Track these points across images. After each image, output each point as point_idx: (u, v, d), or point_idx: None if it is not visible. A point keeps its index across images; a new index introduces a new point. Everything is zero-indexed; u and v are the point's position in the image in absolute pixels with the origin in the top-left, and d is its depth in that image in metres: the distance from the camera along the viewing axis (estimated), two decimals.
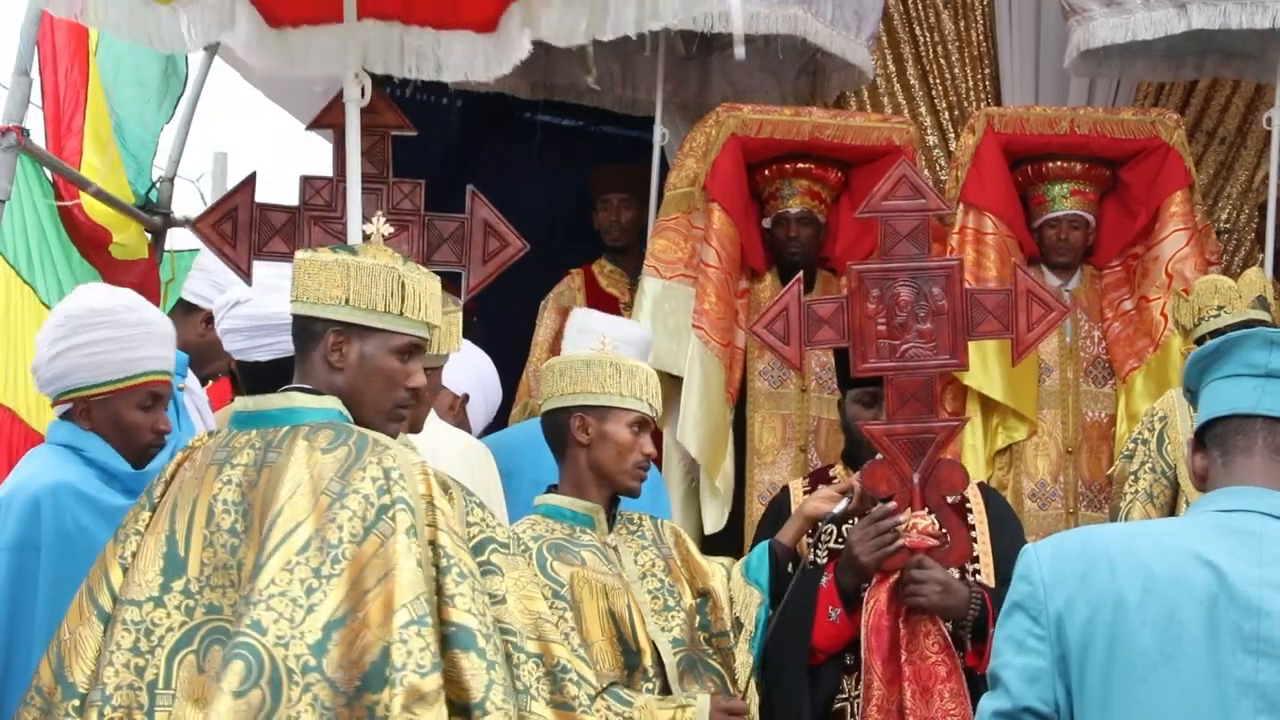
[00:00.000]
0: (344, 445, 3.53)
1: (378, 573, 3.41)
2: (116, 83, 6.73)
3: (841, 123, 6.65)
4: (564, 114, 8.85)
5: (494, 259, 5.04)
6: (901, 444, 4.75)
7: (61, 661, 3.59)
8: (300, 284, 3.72)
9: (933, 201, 4.89)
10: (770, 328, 4.86)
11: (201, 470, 3.61)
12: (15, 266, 5.84)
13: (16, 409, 5.68)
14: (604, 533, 4.68)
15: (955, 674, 4.65)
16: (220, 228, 4.78)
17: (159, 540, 3.58)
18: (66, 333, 4.37)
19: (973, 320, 4.84)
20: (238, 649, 3.35)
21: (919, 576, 4.67)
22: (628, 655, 4.53)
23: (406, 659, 3.35)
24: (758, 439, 6.48)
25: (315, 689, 3.33)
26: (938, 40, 7.87)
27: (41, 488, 4.19)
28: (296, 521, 3.44)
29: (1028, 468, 6.40)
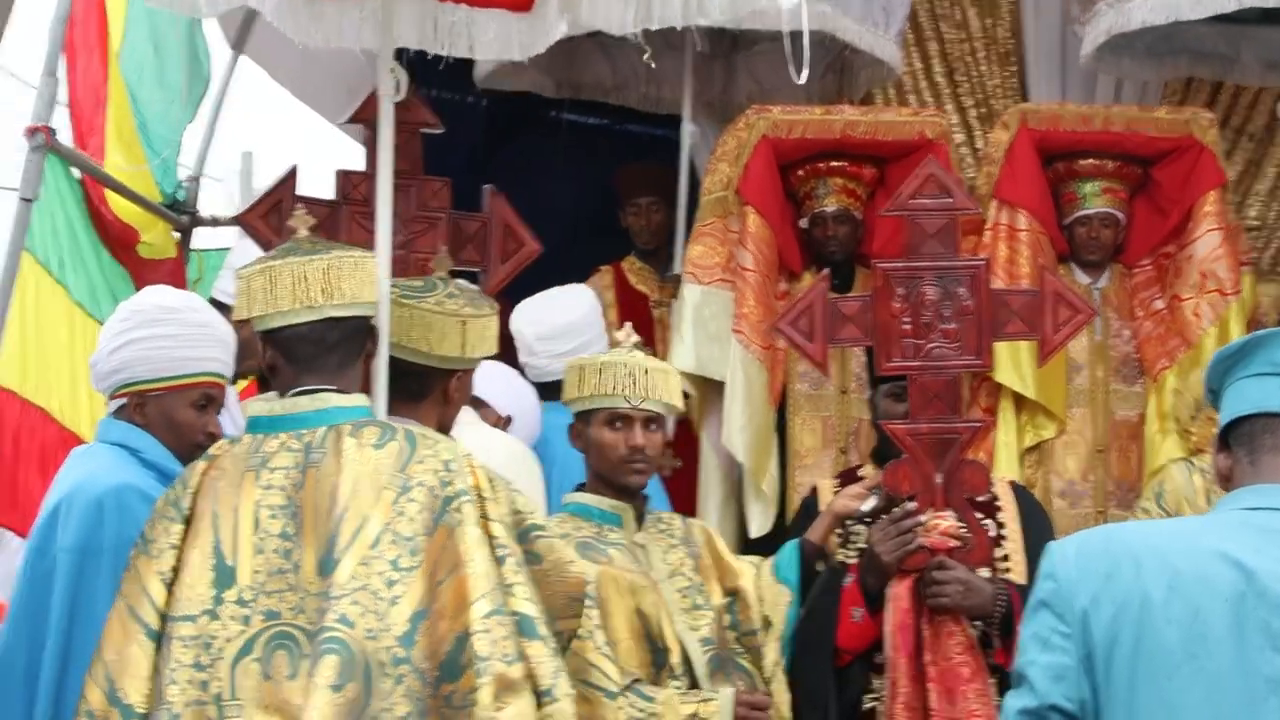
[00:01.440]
0: (394, 440, 3.56)
1: (448, 564, 3.44)
2: (140, 83, 6.74)
3: (873, 119, 6.63)
4: (589, 113, 8.84)
5: (511, 259, 5.06)
6: (925, 444, 4.74)
7: (112, 684, 3.56)
8: (335, 286, 3.72)
9: (960, 200, 4.87)
10: (794, 324, 4.85)
11: (237, 478, 3.61)
12: (46, 266, 5.85)
13: (49, 409, 5.70)
14: (632, 531, 4.69)
15: (980, 675, 4.64)
16: (268, 220, 4.79)
17: (204, 552, 3.57)
18: (130, 326, 4.39)
19: (999, 320, 4.82)
20: (328, 644, 3.37)
21: (940, 577, 4.66)
22: (655, 653, 4.54)
23: (492, 649, 3.39)
24: (798, 441, 6.46)
25: (407, 680, 3.37)
26: (964, 37, 7.83)
27: (105, 489, 4.18)
28: (364, 517, 3.46)
29: (1057, 466, 6.38)
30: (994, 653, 4.72)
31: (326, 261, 3.72)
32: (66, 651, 4.11)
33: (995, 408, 6.25)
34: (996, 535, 5.00)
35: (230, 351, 4.53)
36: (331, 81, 8.03)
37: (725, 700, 4.47)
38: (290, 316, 3.73)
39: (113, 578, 4.08)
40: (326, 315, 3.72)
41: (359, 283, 3.75)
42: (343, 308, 3.71)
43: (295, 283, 3.71)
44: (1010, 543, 5.01)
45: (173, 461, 4.33)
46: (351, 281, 3.72)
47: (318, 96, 8.32)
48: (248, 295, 3.78)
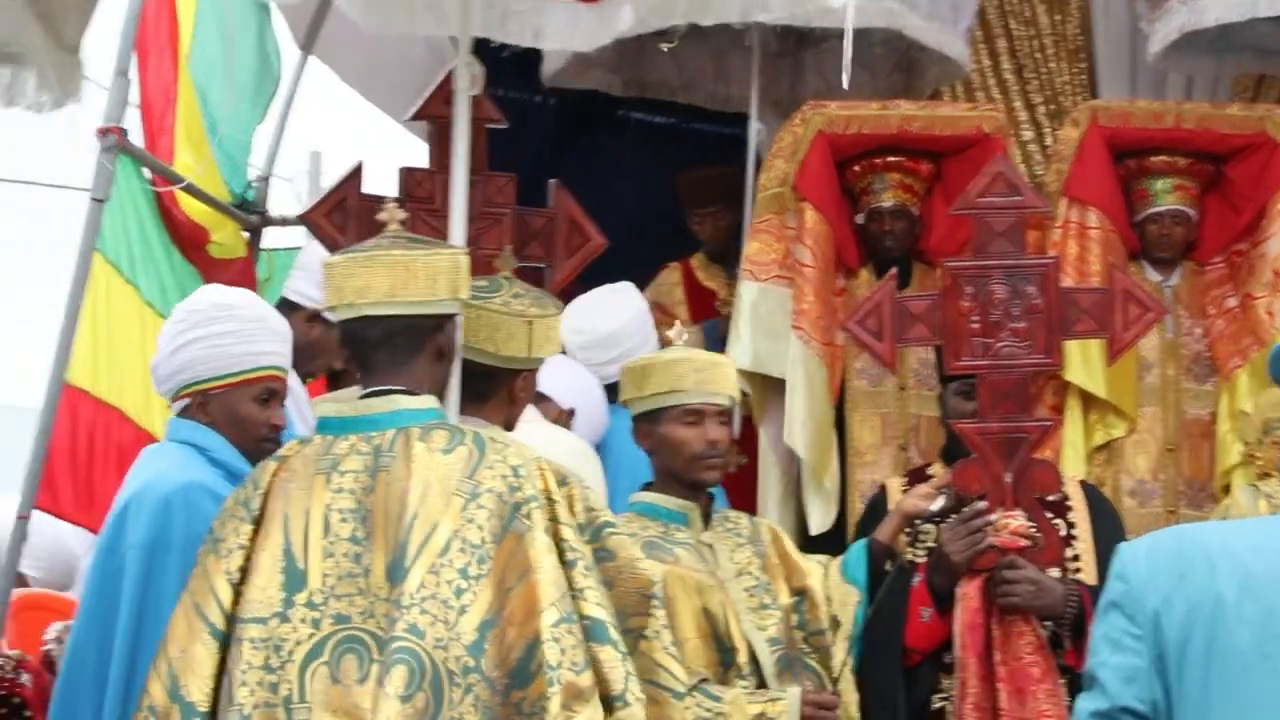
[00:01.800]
0: (463, 445, 3.55)
1: (517, 571, 3.45)
2: (210, 83, 6.78)
3: (929, 113, 6.60)
4: (656, 111, 8.84)
5: (577, 253, 5.05)
6: (994, 443, 4.72)
7: (176, 680, 3.58)
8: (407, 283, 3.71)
9: (1029, 199, 4.85)
10: (863, 324, 4.84)
11: (307, 480, 3.61)
12: (117, 266, 5.89)
13: (124, 409, 5.73)
14: (699, 530, 4.68)
15: (1050, 675, 4.62)
16: (332, 218, 4.80)
17: (274, 555, 3.58)
18: (188, 327, 4.41)
19: (1068, 319, 4.80)
20: (398, 654, 3.38)
21: (1011, 576, 4.64)
22: (722, 653, 4.53)
23: (561, 657, 3.39)
24: (857, 438, 6.44)
25: (476, 689, 3.38)
26: (1033, 34, 7.80)
27: (173, 488, 4.21)
28: (433, 524, 3.46)
29: (1127, 465, 6.34)
30: (1064, 653, 4.70)
31: (391, 258, 3.71)
32: (135, 648, 4.14)
33: (1063, 406, 6.21)
34: (1067, 535, 4.97)
35: (288, 344, 4.55)
36: (398, 80, 8.05)
37: (792, 700, 4.46)
38: (343, 312, 3.74)
39: (181, 575, 4.10)
40: (363, 314, 3.71)
41: (414, 282, 3.71)
42: (382, 306, 3.69)
43: (346, 280, 3.72)
44: (1081, 543, 4.99)
45: (240, 459, 4.36)
46: (401, 280, 3.70)
47: (385, 95, 8.34)
48: (325, 285, 3.80)
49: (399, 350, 3.72)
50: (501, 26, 4.48)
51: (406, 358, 3.72)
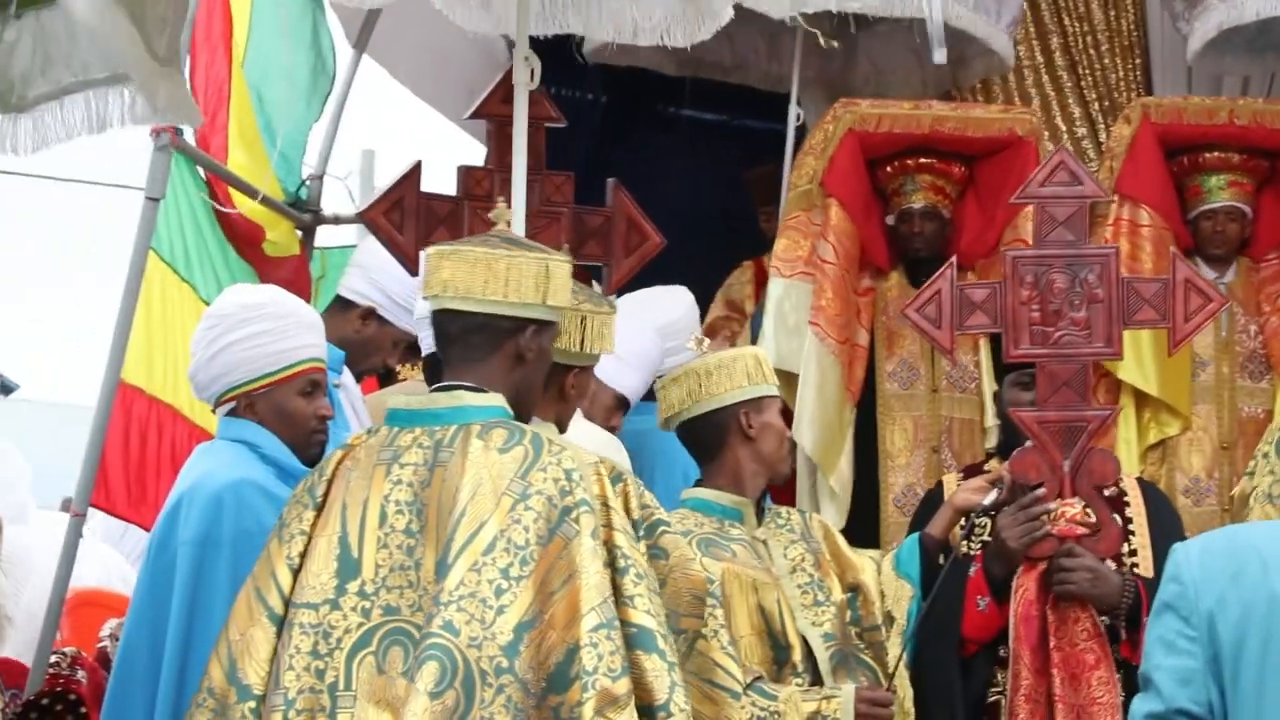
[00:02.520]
0: (520, 445, 3.54)
1: (562, 574, 3.43)
2: (265, 82, 6.79)
3: (962, 115, 6.58)
4: (707, 107, 8.83)
5: (635, 253, 5.05)
6: (1053, 431, 4.72)
7: (234, 663, 3.60)
8: (487, 281, 3.70)
9: (1091, 188, 4.86)
10: (922, 311, 4.85)
11: (368, 470, 3.62)
12: (173, 265, 5.91)
13: (179, 406, 5.76)
14: (753, 527, 4.69)
15: (1104, 662, 4.61)
16: (390, 216, 4.81)
17: (331, 542, 3.59)
18: (221, 331, 4.43)
19: (1129, 309, 4.80)
20: (431, 650, 3.38)
21: (1068, 564, 4.63)
22: (777, 650, 4.53)
23: (598, 662, 3.37)
24: (889, 441, 6.43)
25: (508, 690, 3.36)
26: (1087, 30, 7.76)
27: (223, 484, 4.24)
28: (480, 522, 3.46)
29: (1181, 463, 6.32)
30: (1120, 646, 4.68)
31: (474, 255, 3.70)
32: (187, 643, 4.17)
33: (1116, 403, 6.17)
34: (1123, 530, 4.95)
35: (321, 333, 4.57)
36: (451, 79, 8.07)
37: (847, 697, 4.45)
38: (431, 303, 3.75)
39: (231, 571, 4.14)
40: (444, 307, 3.71)
41: (495, 281, 3.69)
42: (460, 301, 3.68)
43: (434, 273, 3.72)
44: (1138, 539, 4.98)
45: (290, 456, 4.38)
46: (481, 278, 3.68)
47: (438, 95, 8.37)
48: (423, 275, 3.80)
49: (473, 347, 3.71)
50: (599, 23, 4.47)
51: (480, 355, 3.71)
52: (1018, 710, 4.62)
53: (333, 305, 5.96)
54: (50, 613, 5.51)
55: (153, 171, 5.87)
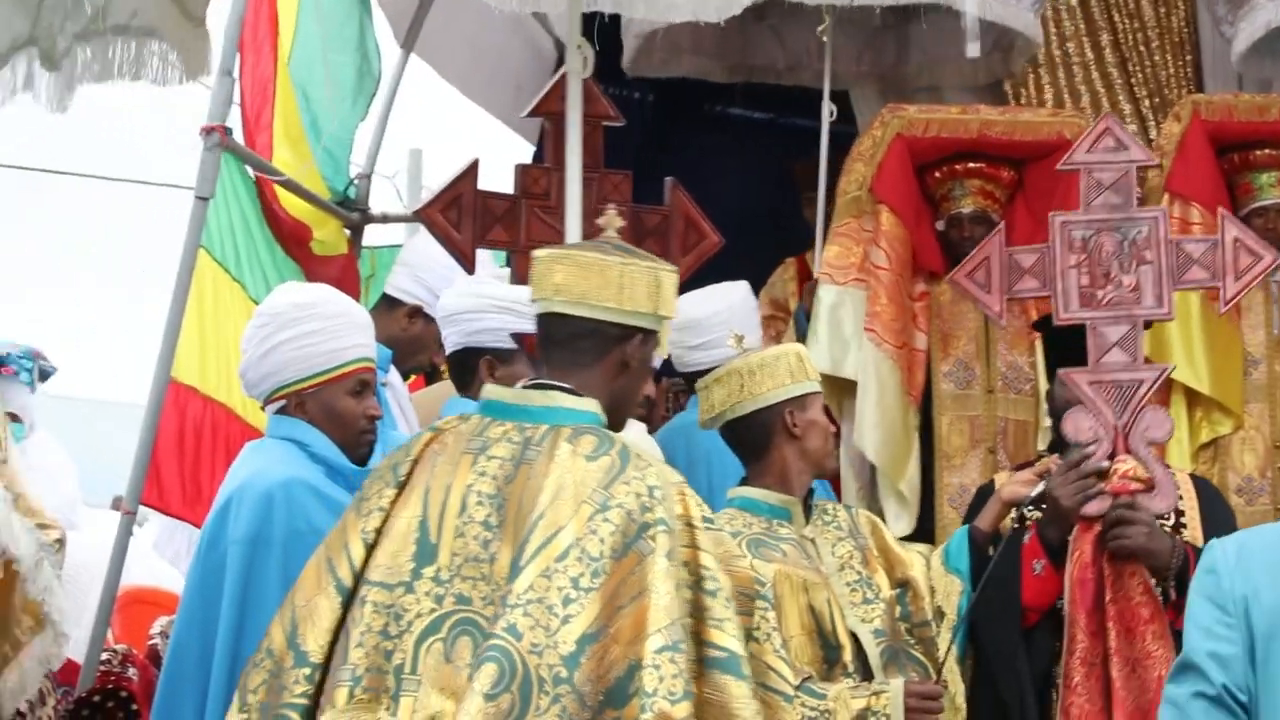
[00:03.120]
0: (608, 455, 3.53)
1: (632, 590, 3.41)
2: (311, 81, 6.82)
3: (1010, 118, 6.56)
4: (754, 106, 8.82)
5: (693, 252, 5.04)
6: (1104, 391, 4.70)
7: (295, 628, 3.59)
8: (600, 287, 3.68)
9: (1138, 153, 4.86)
10: (971, 276, 4.85)
11: (455, 456, 3.61)
12: (223, 264, 5.94)
13: (232, 406, 5.79)
14: (801, 525, 4.68)
15: (1159, 616, 4.59)
16: (447, 214, 4.80)
17: (410, 524, 3.57)
18: (272, 330, 4.44)
19: (1179, 268, 4.79)
20: (492, 651, 3.37)
21: (1127, 517, 4.60)
22: (827, 650, 4.52)
23: (658, 685, 3.35)
24: (945, 442, 6.41)
25: (564, 700, 3.34)
26: (1137, 27, 7.73)
27: (273, 483, 4.25)
28: (557, 527, 3.44)
29: (1233, 463, 6.28)
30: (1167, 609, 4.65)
31: (587, 260, 3.69)
32: (237, 641, 4.18)
33: (1168, 403, 6.15)
34: (1176, 525, 4.93)
35: (371, 333, 4.58)
36: (499, 78, 8.09)
37: (896, 691, 4.43)
38: (538, 306, 3.74)
39: (282, 569, 4.15)
40: (553, 310, 3.70)
41: (607, 287, 3.67)
42: (570, 305, 3.67)
43: (545, 276, 3.70)
44: (1189, 533, 4.96)
45: (339, 455, 4.39)
46: (595, 284, 3.66)
47: (486, 94, 8.38)
48: (530, 277, 3.79)
49: (579, 352, 3.69)
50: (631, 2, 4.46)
51: (586, 361, 3.69)
52: (1073, 673, 4.60)
53: (380, 304, 5.98)
54: (101, 611, 5.54)
55: (202, 171, 5.90)
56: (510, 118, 8.38)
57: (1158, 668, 4.52)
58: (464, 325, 4.87)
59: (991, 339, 6.48)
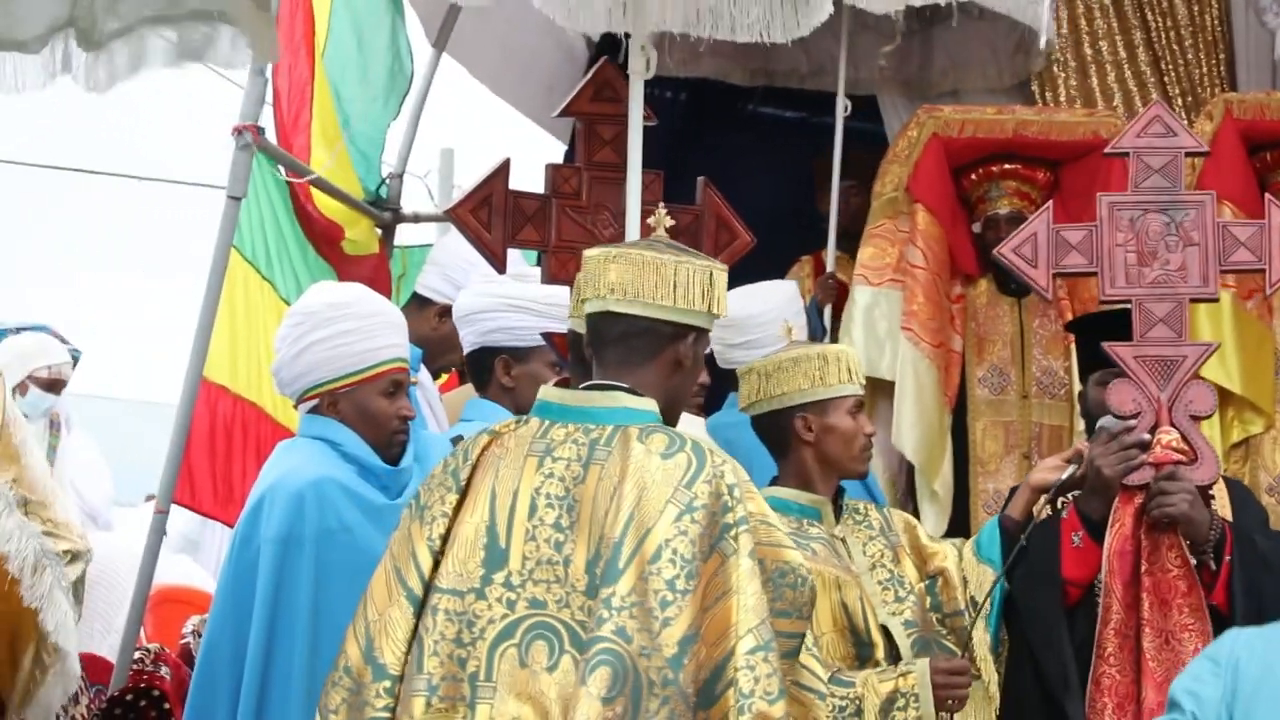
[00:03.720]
0: (682, 453, 3.53)
1: (716, 591, 3.43)
2: (344, 80, 6.84)
3: (1046, 119, 6.57)
4: (784, 105, 8.82)
5: (725, 251, 5.04)
6: (1149, 365, 4.71)
7: (371, 642, 3.58)
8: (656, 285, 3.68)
9: (1187, 140, 4.85)
10: (1018, 251, 4.86)
11: (519, 460, 3.61)
12: (254, 263, 5.96)
13: (263, 405, 5.80)
14: (831, 525, 4.67)
15: (1195, 589, 4.56)
16: (478, 214, 4.81)
17: (478, 529, 3.57)
18: (307, 330, 4.45)
19: (1225, 250, 4.79)
20: (604, 655, 3.37)
21: (1169, 487, 4.59)
22: (859, 647, 4.52)
23: (754, 685, 3.37)
24: (980, 447, 6.42)
25: (672, 702, 3.36)
26: (1170, 25, 7.71)
27: (305, 482, 4.27)
28: (646, 529, 3.45)
29: (1265, 462, 6.28)
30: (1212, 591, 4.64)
31: (643, 259, 3.69)
32: (269, 640, 4.20)
33: None
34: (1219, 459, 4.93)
35: (405, 334, 4.59)
36: (531, 78, 8.10)
37: (922, 670, 4.42)
38: (591, 305, 3.74)
39: (313, 567, 4.17)
40: (607, 309, 3.69)
41: (663, 285, 3.67)
42: (625, 304, 3.66)
43: (599, 274, 3.70)
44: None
45: (372, 455, 4.40)
46: (650, 282, 3.66)
47: (517, 93, 8.38)
48: (581, 277, 3.80)
49: (634, 351, 3.69)
50: (696, 20, 4.47)
51: (640, 359, 3.70)
52: (1106, 643, 4.59)
53: (410, 303, 5.99)
54: (134, 609, 5.56)
55: (234, 170, 5.92)
56: (542, 117, 8.39)
57: (1193, 641, 4.51)
58: (479, 325, 4.88)
59: (1027, 344, 6.49)
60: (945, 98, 7.64)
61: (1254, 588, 4.54)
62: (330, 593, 4.21)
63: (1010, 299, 6.48)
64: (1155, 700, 4.49)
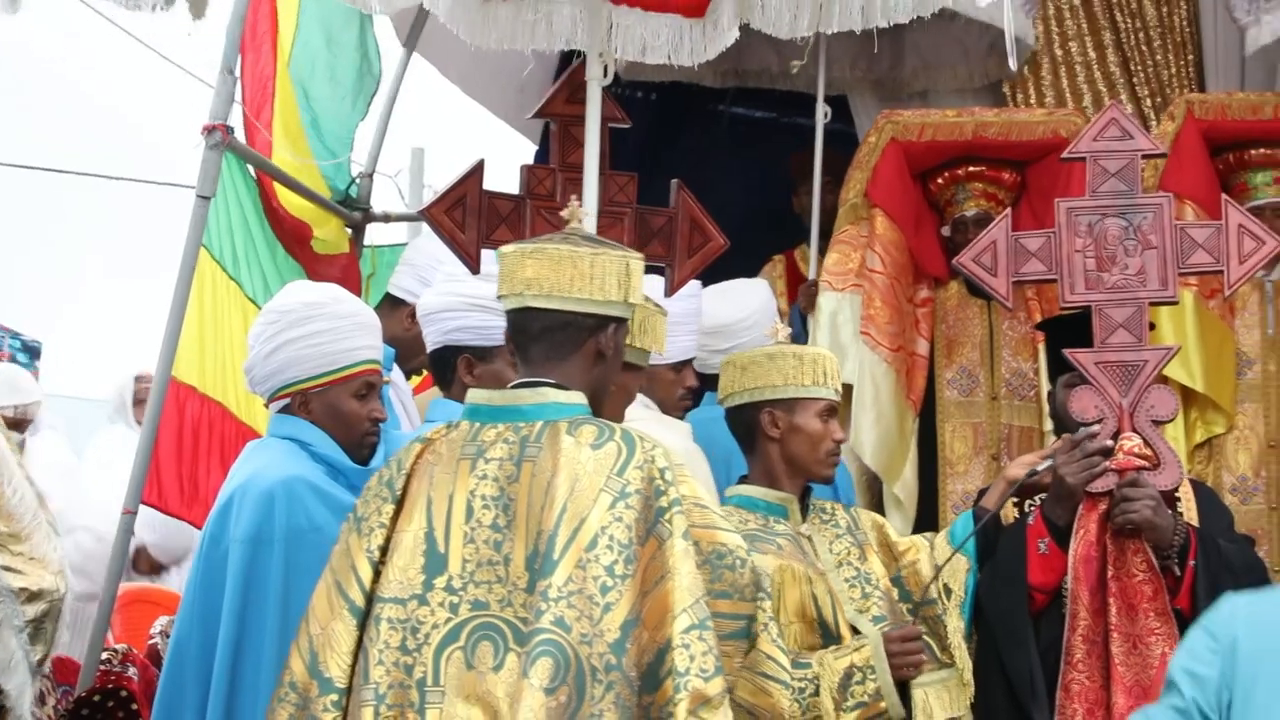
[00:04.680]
0: (611, 441, 3.56)
1: (655, 575, 3.45)
2: (313, 80, 6.84)
3: (1006, 119, 6.57)
4: (756, 105, 8.82)
5: (698, 253, 5.05)
6: (1110, 370, 4.74)
7: (315, 656, 3.60)
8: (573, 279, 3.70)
9: (1143, 142, 4.89)
10: (978, 259, 4.88)
11: (452, 464, 3.62)
12: (221, 262, 5.95)
13: (227, 404, 5.79)
14: (798, 522, 4.69)
15: (1161, 594, 4.62)
16: (452, 214, 4.81)
17: (416, 536, 3.59)
18: (281, 328, 4.45)
19: (1183, 253, 4.82)
20: (544, 646, 3.39)
21: (1132, 494, 4.62)
22: (827, 640, 4.53)
23: (690, 663, 3.39)
24: (949, 449, 6.43)
25: (617, 687, 3.38)
26: (1139, 26, 7.72)
27: (274, 482, 4.26)
28: (580, 519, 3.47)
29: (1228, 462, 6.28)
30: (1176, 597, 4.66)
31: (559, 253, 3.70)
32: (239, 639, 4.19)
33: None
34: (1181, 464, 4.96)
35: (379, 336, 4.59)
36: (502, 79, 8.09)
37: (875, 641, 4.45)
38: (509, 302, 3.75)
39: (283, 567, 4.16)
40: (526, 305, 3.71)
41: (580, 279, 3.69)
42: (543, 299, 3.69)
43: (516, 271, 3.72)
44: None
45: (342, 455, 4.40)
46: (566, 276, 3.68)
47: (488, 94, 8.38)
48: (498, 275, 3.80)
49: (556, 345, 3.72)
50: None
51: (563, 353, 3.72)
52: (1074, 649, 4.62)
53: (383, 303, 5.99)
54: (101, 610, 5.56)
55: (204, 169, 5.91)
56: (512, 117, 8.39)
57: (1159, 645, 4.56)
58: (442, 324, 4.88)
59: (996, 345, 6.49)
60: (916, 98, 7.66)
61: (1219, 591, 4.52)
62: (300, 593, 4.18)
63: (980, 301, 6.49)
64: (1125, 705, 4.52)
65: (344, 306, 4.54)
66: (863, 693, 4.39)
